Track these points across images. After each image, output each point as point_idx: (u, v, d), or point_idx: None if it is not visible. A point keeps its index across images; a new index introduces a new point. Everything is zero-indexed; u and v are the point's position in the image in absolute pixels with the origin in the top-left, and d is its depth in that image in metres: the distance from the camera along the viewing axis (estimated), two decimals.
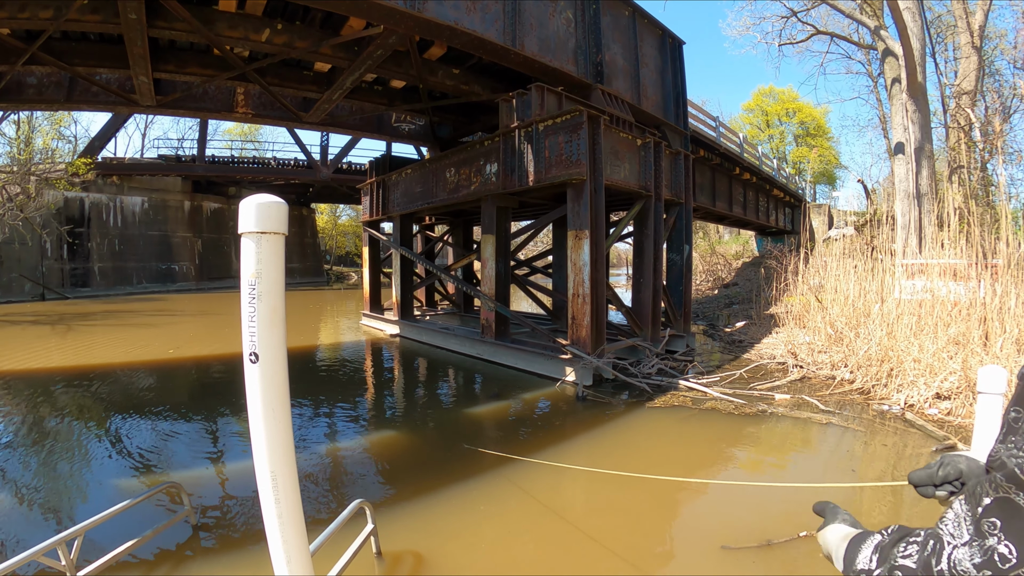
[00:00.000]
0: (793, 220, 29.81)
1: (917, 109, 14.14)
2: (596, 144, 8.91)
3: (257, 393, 1.94)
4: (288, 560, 2.12)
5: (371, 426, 7.53)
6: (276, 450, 2.00)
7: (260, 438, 1.98)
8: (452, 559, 3.99)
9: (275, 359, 1.94)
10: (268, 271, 1.90)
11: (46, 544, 3.12)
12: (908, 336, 7.33)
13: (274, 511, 2.04)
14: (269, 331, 1.92)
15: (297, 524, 2.13)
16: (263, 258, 1.87)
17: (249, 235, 1.85)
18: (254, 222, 1.84)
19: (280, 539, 2.09)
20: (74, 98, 11.53)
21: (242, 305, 1.89)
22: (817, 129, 44.19)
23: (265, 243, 1.88)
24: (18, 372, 9.60)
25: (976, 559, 0.74)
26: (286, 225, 1.93)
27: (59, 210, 22.77)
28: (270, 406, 1.96)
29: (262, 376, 1.93)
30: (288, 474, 2.05)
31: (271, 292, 1.91)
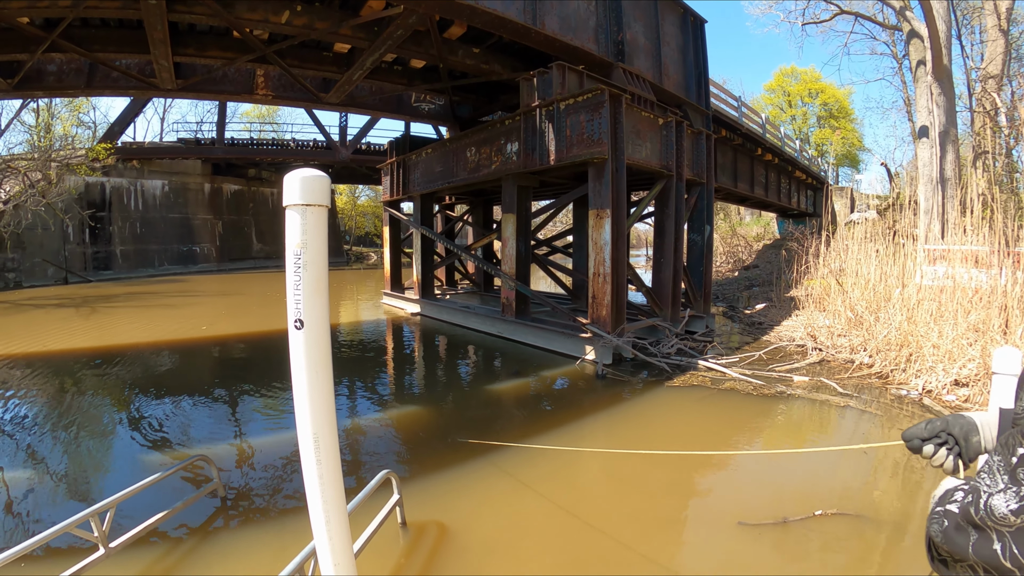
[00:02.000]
0: (815, 202, 29.43)
1: (942, 92, 13.88)
2: (618, 123, 8.86)
3: (301, 358, 2.01)
4: (327, 520, 2.19)
5: (393, 402, 7.63)
6: (319, 413, 2.07)
7: (303, 402, 2.06)
8: (475, 531, 4.05)
9: (319, 326, 2.00)
10: (313, 241, 1.96)
11: (79, 516, 3.21)
12: (928, 322, 7.26)
13: (315, 472, 2.11)
14: (314, 299, 1.98)
15: (336, 485, 2.19)
16: (308, 229, 1.94)
17: (294, 207, 1.92)
18: (299, 195, 1.91)
19: (320, 499, 2.16)
20: (94, 84, 11.60)
21: (287, 274, 1.95)
22: (840, 111, 43.46)
23: (310, 215, 1.94)
24: (43, 354, 9.79)
25: (1012, 504, 0.78)
26: (329, 198, 2.00)
27: (80, 195, 22.94)
28: (314, 370, 2.03)
29: (306, 342, 2.00)
30: (330, 437, 2.12)
31: (315, 262, 1.97)
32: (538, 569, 3.62)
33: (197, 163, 28.67)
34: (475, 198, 16.62)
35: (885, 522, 3.99)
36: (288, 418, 6.60)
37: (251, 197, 31.43)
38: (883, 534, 3.87)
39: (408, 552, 3.79)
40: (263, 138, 32.61)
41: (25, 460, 5.36)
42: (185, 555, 3.77)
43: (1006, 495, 0.80)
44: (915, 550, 3.67)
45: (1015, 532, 0.78)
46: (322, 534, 2.20)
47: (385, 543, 3.84)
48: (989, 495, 0.82)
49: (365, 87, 13.71)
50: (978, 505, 0.84)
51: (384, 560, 3.65)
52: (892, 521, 4.02)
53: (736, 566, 3.58)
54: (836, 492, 4.43)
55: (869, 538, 3.81)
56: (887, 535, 3.87)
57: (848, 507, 4.09)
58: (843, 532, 3.84)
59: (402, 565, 3.64)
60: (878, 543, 3.79)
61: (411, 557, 3.73)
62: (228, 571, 3.58)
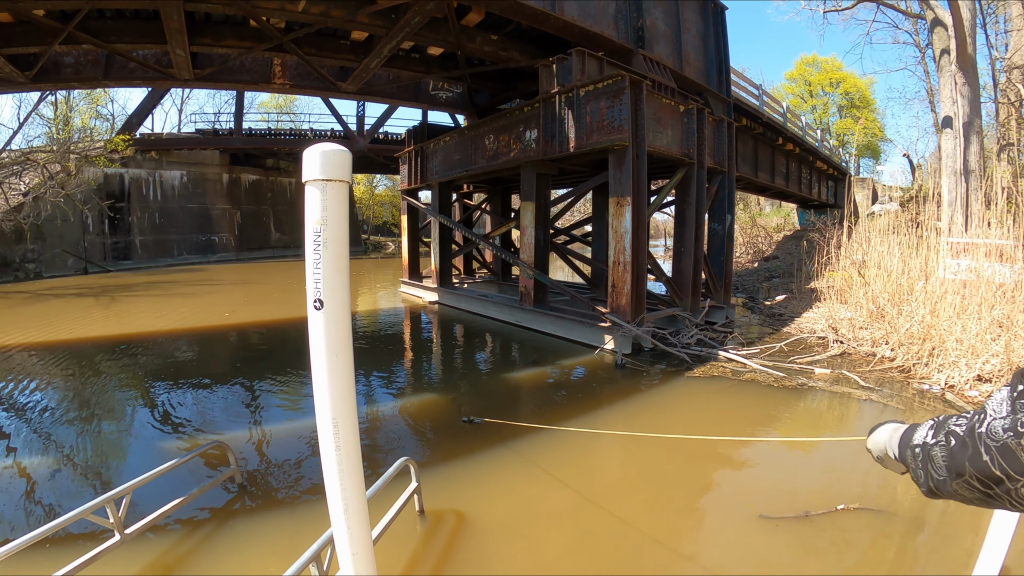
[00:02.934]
0: (836, 193, 29.04)
1: (966, 82, 13.55)
2: (638, 109, 8.73)
3: (321, 340, 1.93)
4: (346, 509, 2.10)
5: (411, 389, 7.62)
6: (338, 397, 1.98)
7: (323, 385, 1.97)
8: (494, 520, 4.00)
9: (339, 306, 1.93)
10: (333, 218, 1.88)
11: (95, 503, 3.19)
12: (951, 316, 7.09)
13: (334, 459, 2.03)
14: (334, 278, 1.91)
15: (356, 473, 2.11)
16: (328, 205, 1.86)
17: (314, 183, 1.84)
18: (319, 169, 1.83)
19: (339, 487, 2.07)
20: (112, 75, 11.66)
21: (307, 252, 1.88)
22: (862, 100, 42.77)
23: (330, 190, 1.86)
24: (63, 342, 9.83)
25: (1006, 426, 0.95)
26: (350, 173, 1.91)
27: (99, 186, 23.10)
28: (334, 353, 1.95)
29: (326, 322, 1.92)
30: (349, 422, 2.04)
31: (336, 239, 1.90)
32: (557, 559, 3.55)
33: (215, 153, 28.81)
34: (493, 186, 16.56)
35: (909, 518, 3.89)
36: (306, 406, 6.60)
37: (269, 187, 31.54)
38: (907, 530, 3.78)
39: (426, 541, 3.74)
40: (280, 128, 32.68)
41: (44, 446, 5.37)
42: (201, 541, 3.74)
43: (1005, 421, 0.96)
44: (941, 547, 3.59)
45: (1000, 447, 0.95)
46: (340, 523, 2.12)
47: (403, 531, 3.79)
48: (993, 419, 0.98)
49: (382, 75, 13.66)
50: (982, 423, 1.00)
51: (402, 549, 3.60)
52: (915, 517, 3.92)
53: (757, 560, 3.49)
54: (858, 486, 4.34)
55: (893, 534, 3.72)
56: (911, 531, 3.78)
57: (871, 502, 4.00)
58: (867, 527, 3.74)
59: (420, 554, 3.58)
60: (903, 539, 3.70)
61: (429, 546, 3.67)
62: (244, 558, 3.56)
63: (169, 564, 3.47)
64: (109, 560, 3.30)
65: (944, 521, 3.86)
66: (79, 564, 3.08)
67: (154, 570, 3.40)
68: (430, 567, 3.45)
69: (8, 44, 9.61)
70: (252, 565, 3.47)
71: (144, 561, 3.47)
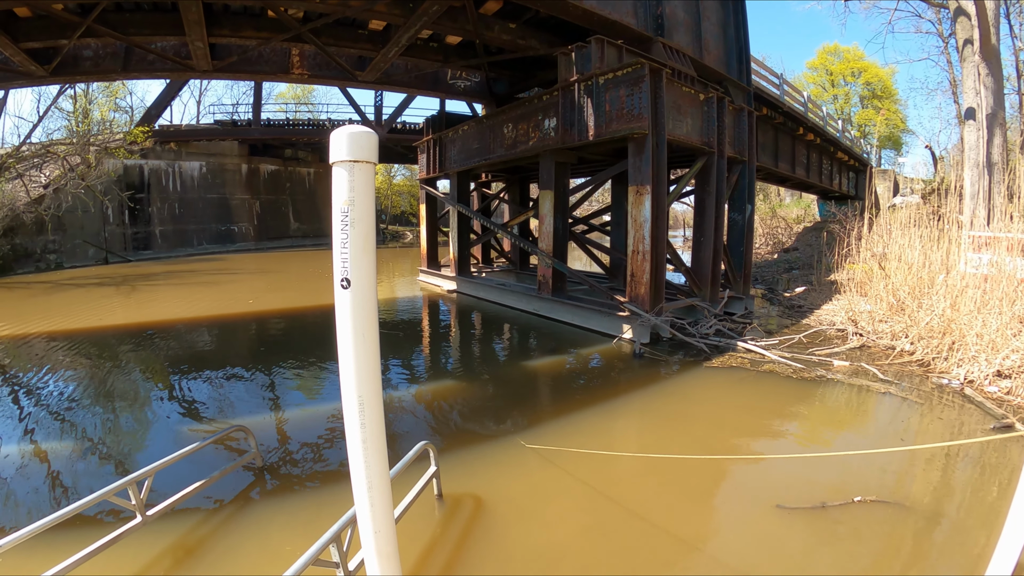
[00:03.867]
0: (857, 185, 28.67)
1: (990, 73, 13.29)
2: (658, 98, 8.67)
3: (348, 318, 1.96)
4: (370, 486, 2.12)
5: (429, 376, 7.66)
6: (364, 375, 2.01)
7: (349, 363, 1.99)
8: (511, 505, 4.00)
9: (366, 285, 1.95)
10: (360, 198, 1.91)
11: (117, 484, 3.22)
12: (972, 310, 6.97)
13: (359, 436, 2.05)
14: (361, 257, 1.92)
15: (380, 451, 2.12)
16: (355, 185, 1.89)
17: (341, 164, 1.88)
18: (346, 151, 1.87)
19: (363, 464, 2.09)
20: (131, 67, 11.72)
21: (334, 232, 1.91)
22: (883, 91, 42.09)
23: (357, 171, 1.90)
24: (85, 330, 9.94)
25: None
26: (376, 154, 1.95)
27: (119, 177, 23.27)
28: (360, 331, 1.97)
29: (353, 301, 1.94)
30: (375, 400, 2.06)
31: (363, 219, 1.92)
32: (572, 546, 3.56)
33: (234, 144, 28.95)
34: (511, 175, 16.56)
35: (925, 512, 3.84)
36: (325, 392, 6.65)
37: (288, 177, 31.66)
38: (923, 524, 3.73)
39: (444, 524, 3.75)
40: (299, 119, 32.91)
41: (67, 432, 5.45)
42: (221, 523, 3.78)
43: None
44: (956, 542, 3.56)
45: None
46: (363, 500, 2.14)
47: (421, 515, 3.82)
48: None
49: (400, 64, 13.64)
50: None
51: (420, 532, 3.62)
52: (932, 511, 3.87)
53: (773, 549, 3.48)
54: (875, 479, 4.30)
55: (909, 527, 3.68)
56: (927, 525, 3.72)
57: (887, 495, 3.96)
58: (883, 520, 3.71)
59: (438, 538, 3.59)
60: (918, 533, 3.65)
61: (447, 530, 3.68)
62: (264, 540, 3.59)
63: (190, 546, 3.51)
64: (130, 541, 3.34)
65: (960, 517, 3.83)
66: (101, 545, 3.12)
67: (175, 552, 3.44)
68: (448, 551, 3.46)
69: (28, 38, 9.71)
70: (272, 547, 3.50)
71: (165, 543, 3.51)
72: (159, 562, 3.34)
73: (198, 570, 3.29)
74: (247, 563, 3.36)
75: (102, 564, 3.15)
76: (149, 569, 3.28)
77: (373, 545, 2.21)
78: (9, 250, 18.54)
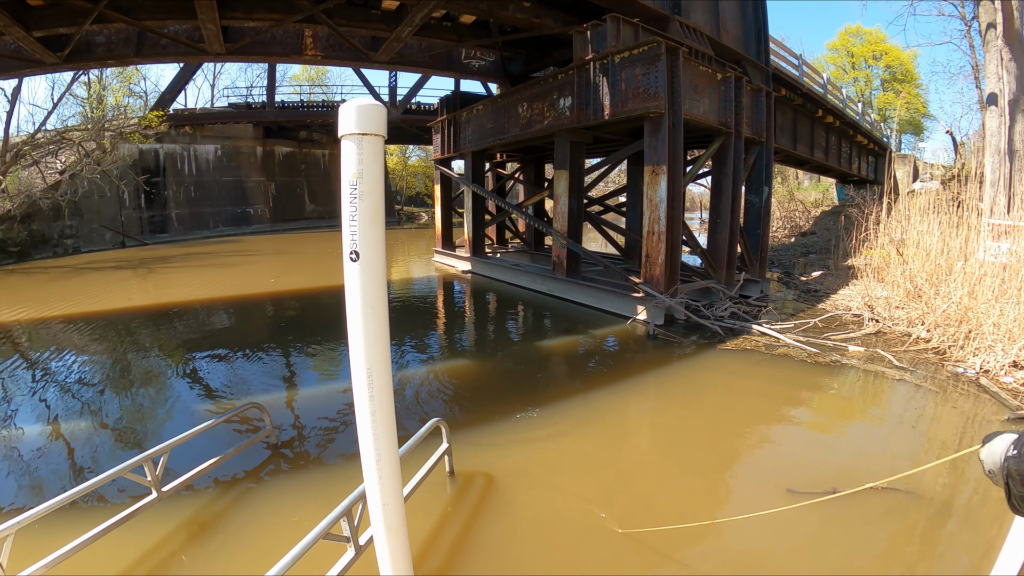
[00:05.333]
0: (876, 169, 28.27)
1: (1013, 58, 12.96)
2: (675, 77, 8.55)
3: (356, 291, 1.94)
4: (378, 459, 2.10)
5: (443, 355, 7.68)
6: (373, 348, 1.99)
7: (358, 335, 1.98)
8: (523, 485, 3.99)
9: (375, 258, 1.94)
10: (369, 171, 1.89)
11: (133, 461, 3.24)
12: (989, 299, 6.87)
13: (367, 408, 2.04)
14: (370, 230, 1.91)
15: (389, 424, 2.10)
16: (364, 158, 1.87)
17: (350, 137, 1.86)
18: (355, 124, 1.85)
19: (372, 437, 2.07)
20: (144, 52, 11.69)
21: (342, 206, 1.90)
22: (904, 74, 41.37)
23: (366, 144, 1.87)
24: (103, 312, 10.01)
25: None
26: (385, 127, 1.93)
27: (135, 162, 23.31)
28: (369, 304, 1.96)
29: (362, 274, 1.93)
30: (383, 372, 2.04)
31: (372, 192, 1.90)
32: (585, 527, 3.53)
33: (248, 127, 28.96)
34: (526, 155, 16.47)
35: (936, 501, 3.80)
36: (342, 370, 6.68)
37: (303, 159, 31.66)
38: (934, 513, 3.68)
39: (455, 502, 3.75)
40: (313, 100, 32.83)
41: (85, 410, 5.51)
42: (235, 499, 3.80)
43: None
44: (966, 534, 3.51)
45: None
46: (372, 472, 2.12)
47: (433, 492, 3.82)
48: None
49: (414, 44, 13.53)
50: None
51: (431, 510, 3.62)
52: (943, 501, 3.82)
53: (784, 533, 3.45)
54: (887, 466, 4.24)
55: (920, 516, 3.64)
56: (938, 515, 3.67)
57: (899, 483, 3.90)
58: (894, 508, 3.68)
59: (449, 516, 3.60)
60: (929, 522, 3.61)
61: (458, 508, 3.68)
62: (277, 515, 3.61)
63: (204, 521, 3.54)
64: (146, 517, 3.37)
65: (970, 508, 3.77)
66: (117, 520, 3.14)
67: (190, 527, 3.47)
68: (458, 529, 3.45)
69: (40, 26, 9.70)
70: (285, 522, 3.51)
71: (180, 518, 3.54)
72: (174, 536, 3.37)
73: (212, 545, 3.31)
74: (261, 537, 3.38)
75: (118, 539, 3.18)
76: (165, 544, 3.30)
77: (382, 518, 2.19)
78: (27, 236, 18.66)
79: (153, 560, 3.17)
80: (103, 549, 3.08)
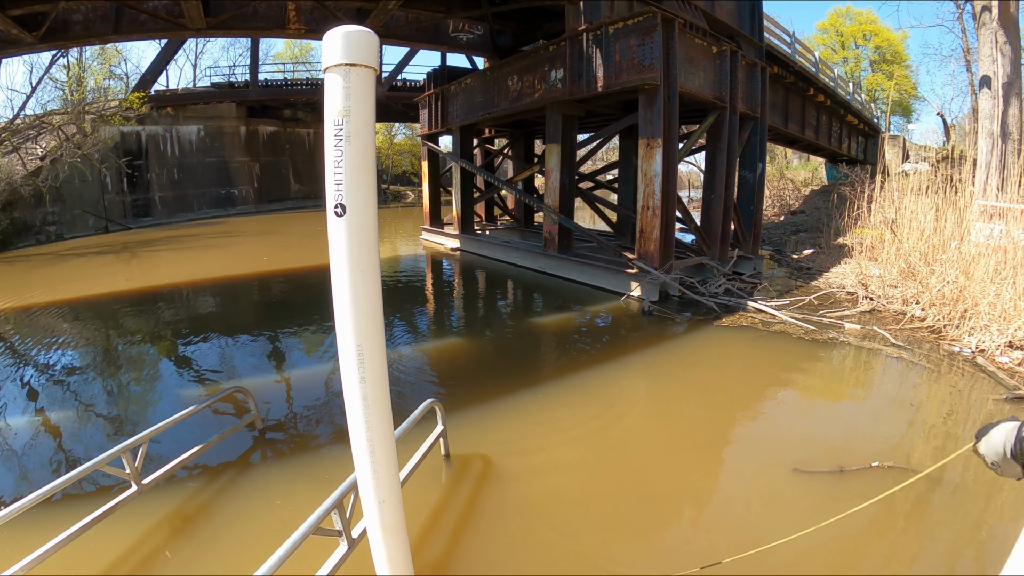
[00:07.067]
0: (866, 150, 28.23)
1: (1008, 41, 12.90)
2: (670, 48, 8.34)
3: (343, 252, 1.66)
4: (372, 450, 1.85)
5: (433, 335, 7.54)
6: (363, 319, 1.72)
7: (345, 306, 1.70)
8: (521, 467, 3.85)
9: (364, 212, 1.65)
10: (358, 108, 1.60)
11: (109, 453, 3.03)
12: (984, 279, 6.85)
13: (358, 392, 1.77)
14: (358, 178, 1.62)
15: (383, 408, 1.85)
16: (352, 93, 1.59)
17: (335, 68, 1.58)
18: (341, 53, 1.56)
19: (364, 425, 1.82)
20: (122, 29, 11.36)
21: (326, 150, 1.61)
22: (894, 55, 41.29)
23: (355, 76, 1.59)
24: (85, 299, 9.73)
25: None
26: (377, 59, 1.64)
27: (116, 145, 22.87)
28: (358, 266, 1.67)
29: (349, 230, 1.64)
30: (376, 348, 1.77)
31: (361, 133, 1.61)
32: (584, 508, 3.41)
33: (232, 107, 28.42)
34: (516, 130, 16.24)
35: (944, 480, 3.71)
36: (328, 352, 6.49)
37: (287, 138, 31.15)
38: (943, 493, 3.59)
39: (452, 488, 3.61)
40: (297, 78, 32.22)
41: (66, 398, 5.31)
42: (220, 489, 3.63)
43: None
44: (975, 517, 3.36)
45: None
46: (365, 466, 1.88)
47: (428, 477, 3.67)
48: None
49: (400, 17, 13.19)
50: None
51: (427, 497, 3.47)
52: (950, 480, 3.72)
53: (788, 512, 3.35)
54: (891, 444, 4.19)
55: (928, 494, 3.55)
56: (947, 493, 3.59)
57: (905, 460, 3.88)
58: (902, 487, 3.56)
59: (446, 502, 3.44)
60: (940, 500, 3.53)
61: (455, 494, 3.53)
62: (264, 506, 3.43)
63: (188, 514, 3.35)
64: (126, 512, 3.18)
65: (978, 487, 3.65)
66: (95, 517, 2.95)
67: (173, 521, 3.28)
68: (456, 516, 3.30)
69: (14, 4, 9.38)
70: (275, 513, 3.35)
71: (162, 512, 3.34)
72: (157, 532, 3.18)
73: (198, 539, 3.13)
74: (250, 530, 3.20)
75: (97, 536, 2.99)
76: (147, 540, 3.11)
77: (377, 518, 1.98)
78: (8, 224, 18.25)
79: (136, 557, 2.98)
80: (81, 548, 2.89)
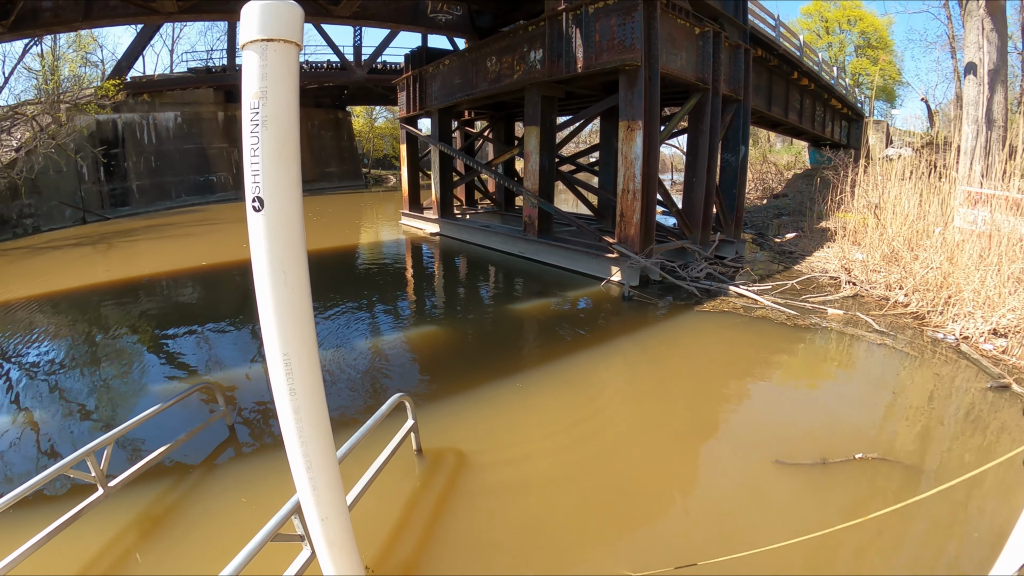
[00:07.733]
0: (849, 134, 28.29)
1: (995, 28, 12.86)
2: (652, 28, 8.18)
3: (263, 251, 1.45)
4: (309, 466, 1.69)
5: (411, 323, 7.40)
6: (289, 325, 1.52)
7: (267, 310, 1.49)
8: (493, 461, 3.77)
9: (286, 205, 1.44)
10: (277, 89, 1.39)
11: (73, 457, 2.90)
12: (969, 265, 6.84)
13: (288, 405, 1.59)
14: (277, 168, 1.41)
15: (319, 422, 1.67)
16: (270, 72, 1.38)
17: (252, 45, 1.37)
18: (257, 28, 1.37)
19: (298, 439, 1.64)
20: (93, 15, 11.13)
21: (243, 135, 1.41)
22: (879, 41, 41.37)
23: (272, 53, 1.38)
24: (62, 292, 9.50)
25: None
26: (301, 34, 1.43)
27: (92, 134, 22.42)
28: (279, 267, 1.46)
29: (268, 227, 1.44)
30: (306, 356, 1.57)
31: (279, 117, 1.41)
32: (565, 512, 3.31)
33: (209, 92, 27.98)
34: (495, 113, 16.07)
35: (927, 471, 3.68)
36: None
37: None
38: (926, 483, 3.53)
39: (423, 483, 3.50)
40: None
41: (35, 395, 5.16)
42: (189, 490, 3.53)
43: None
44: (963, 512, 3.30)
45: None
46: (304, 484, 1.73)
47: (399, 473, 3.55)
48: None
49: None
50: None
51: (398, 493, 3.36)
52: (932, 470, 3.70)
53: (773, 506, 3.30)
54: (874, 435, 4.13)
55: (912, 486, 3.50)
56: (930, 485, 3.49)
57: (889, 452, 3.81)
58: (886, 479, 3.56)
59: (418, 498, 3.33)
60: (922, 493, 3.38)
61: (427, 490, 3.42)
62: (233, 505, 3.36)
63: (157, 516, 3.26)
64: (93, 516, 3.06)
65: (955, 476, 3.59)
66: (62, 523, 2.83)
67: (141, 524, 3.19)
68: (427, 515, 3.19)
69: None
70: (242, 512, 3.27)
71: (130, 515, 3.25)
72: (125, 535, 3.08)
73: (167, 542, 3.04)
74: (220, 531, 3.11)
75: (65, 542, 2.87)
76: (115, 544, 3.01)
77: (322, 535, 1.84)
78: None
79: (105, 562, 2.88)
80: (48, 555, 2.78)
